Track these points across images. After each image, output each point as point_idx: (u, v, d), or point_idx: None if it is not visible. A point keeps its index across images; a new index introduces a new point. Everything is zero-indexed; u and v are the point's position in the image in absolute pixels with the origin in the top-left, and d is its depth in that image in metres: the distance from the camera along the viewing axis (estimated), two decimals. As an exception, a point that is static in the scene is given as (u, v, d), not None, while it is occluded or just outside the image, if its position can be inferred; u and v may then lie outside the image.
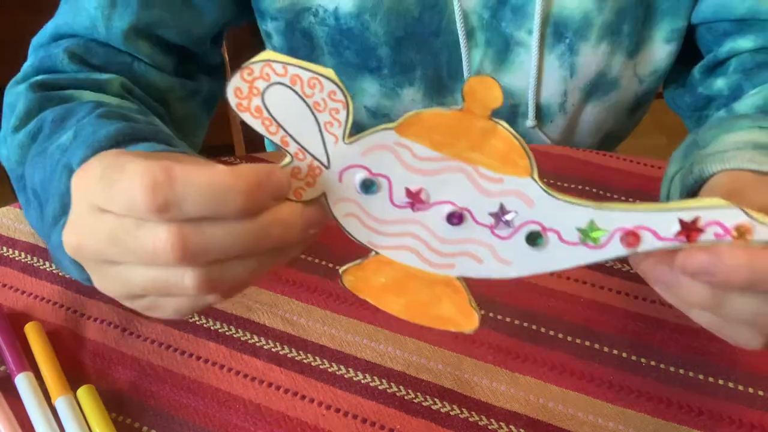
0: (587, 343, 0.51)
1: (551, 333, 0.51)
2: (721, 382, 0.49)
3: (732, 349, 0.51)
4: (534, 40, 0.59)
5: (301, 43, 0.62)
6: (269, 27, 0.63)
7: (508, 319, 0.52)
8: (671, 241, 0.31)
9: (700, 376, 0.49)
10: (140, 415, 0.46)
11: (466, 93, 0.31)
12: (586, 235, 0.32)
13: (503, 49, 0.61)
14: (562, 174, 0.65)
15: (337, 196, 0.33)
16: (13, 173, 0.50)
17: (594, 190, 0.63)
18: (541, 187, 0.32)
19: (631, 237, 0.32)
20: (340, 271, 0.35)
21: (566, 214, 0.32)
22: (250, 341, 0.50)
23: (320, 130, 0.31)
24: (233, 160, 0.65)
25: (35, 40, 0.58)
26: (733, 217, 0.30)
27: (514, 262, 0.34)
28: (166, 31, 0.43)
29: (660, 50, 0.62)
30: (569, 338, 0.51)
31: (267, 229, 0.31)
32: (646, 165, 0.64)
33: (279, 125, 0.31)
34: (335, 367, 0.49)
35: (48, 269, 0.55)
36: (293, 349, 0.50)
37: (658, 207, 0.31)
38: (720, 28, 0.60)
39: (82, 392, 0.45)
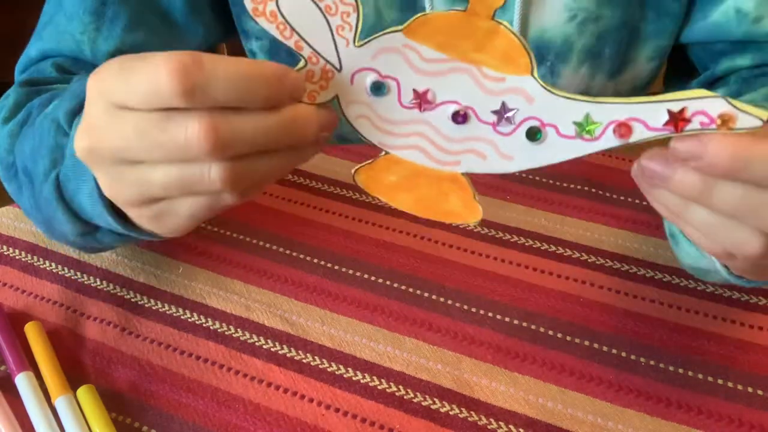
0: (587, 343, 0.51)
1: (551, 333, 0.51)
2: (720, 381, 0.49)
3: (732, 349, 0.51)
4: None
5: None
6: (254, 46, 0.63)
7: (507, 319, 0.52)
8: (660, 131, 0.33)
9: (700, 376, 0.49)
10: (140, 414, 0.46)
11: None
12: (582, 128, 0.34)
13: None
14: (562, 173, 0.65)
15: (348, 99, 0.34)
16: (4, 164, 0.49)
17: (593, 190, 0.63)
18: (540, 84, 0.33)
19: (623, 128, 0.33)
20: (353, 171, 0.36)
21: (564, 109, 0.34)
22: (249, 341, 0.50)
23: (332, 34, 0.33)
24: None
25: (20, 65, 0.58)
26: (718, 106, 0.32)
27: (516, 157, 0.35)
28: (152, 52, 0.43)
29: (642, 68, 0.62)
30: (569, 338, 0.51)
31: (289, 123, 0.31)
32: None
33: (293, 29, 0.32)
34: (334, 367, 0.49)
35: (48, 269, 0.55)
36: (292, 349, 0.50)
37: (648, 99, 0.32)
38: (716, 48, 0.60)
39: (82, 392, 0.45)
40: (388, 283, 0.55)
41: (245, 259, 0.56)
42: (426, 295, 0.54)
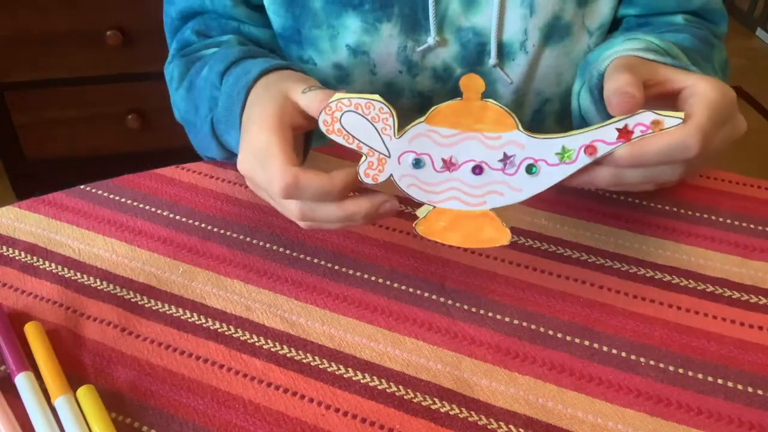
0: (586, 343, 0.51)
1: (550, 333, 0.52)
2: (720, 381, 0.49)
3: (732, 348, 0.51)
4: None
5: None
6: None
7: (507, 319, 0.52)
8: (616, 144, 0.46)
9: (699, 376, 0.49)
10: (140, 414, 0.46)
11: (462, 86, 0.46)
12: (562, 156, 0.47)
13: None
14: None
15: (399, 174, 0.48)
16: (185, 122, 0.68)
17: (593, 190, 0.63)
18: (525, 133, 0.47)
19: (590, 149, 0.46)
20: (414, 224, 0.49)
21: (546, 146, 0.47)
22: (249, 341, 0.50)
23: (379, 134, 0.47)
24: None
25: (167, 25, 0.74)
26: (649, 117, 0.46)
27: (523, 188, 0.48)
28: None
29: (605, 6, 0.69)
30: (568, 338, 0.51)
31: (347, 214, 0.49)
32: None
33: (354, 137, 0.47)
34: (334, 367, 0.49)
35: (48, 269, 0.55)
36: (293, 349, 0.50)
37: (602, 125, 0.46)
38: None
39: (82, 392, 0.45)
40: (388, 283, 0.55)
41: (245, 259, 0.56)
42: (426, 295, 0.54)
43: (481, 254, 0.57)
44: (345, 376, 0.48)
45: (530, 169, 0.47)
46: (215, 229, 0.59)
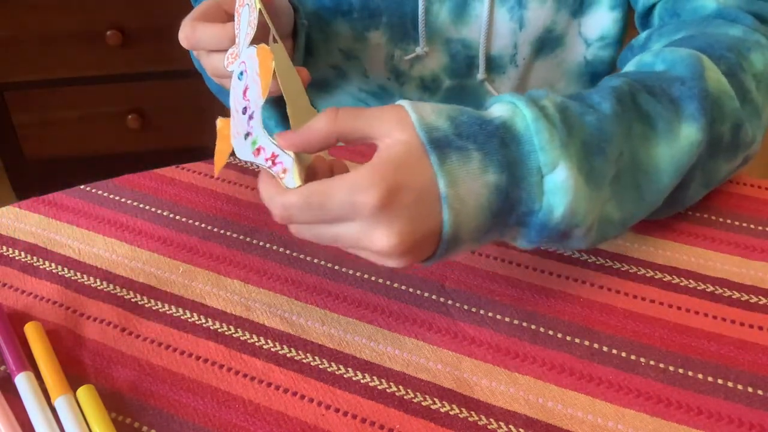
0: (586, 343, 0.51)
1: (550, 333, 0.51)
2: (720, 381, 0.49)
3: (732, 348, 0.51)
4: None
5: None
6: None
7: (507, 319, 0.52)
8: (265, 161, 0.46)
9: (700, 376, 0.49)
10: (140, 414, 0.46)
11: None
12: (252, 144, 0.47)
13: (461, 3, 0.66)
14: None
15: (234, 73, 0.50)
16: (217, 91, 0.69)
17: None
18: (259, 98, 0.47)
19: (257, 152, 0.46)
20: (217, 120, 0.51)
21: (255, 128, 0.47)
22: (249, 341, 0.50)
23: (244, 36, 0.49)
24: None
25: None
26: (286, 161, 0.44)
27: (240, 149, 0.48)
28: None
29: (605, 16, 0.66)
30: (568, 338, 0.51)
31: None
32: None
33: (238, 24, 0.50)
34: (334, 367, 0.49)
35: (48, 269, 0.55)
36: (292, 349, 0.50)
37: (275, 138, 0.45)
38: None
39: (82, 392, 0.45)
40: (388, 283, 0.55)
41: (245, 259, 0.56)
42: (426, 295, 0.54)
43: (481, 254, 0.57)
44: (345, 376, 0.48)
45: (247, 137, 0.47)
46: (215, 229, 0.59)
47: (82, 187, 0.63)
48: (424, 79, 0.70)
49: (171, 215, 0.60)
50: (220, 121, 0.51)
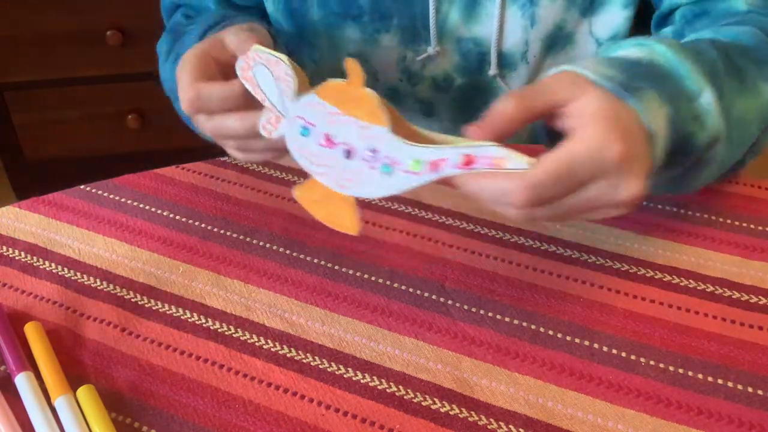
0: (586, 343, 0.51)
1: (550, 333, 0.51)
2: (720, 381, 0.49)
3: (732, 348, 0.51)
4: None
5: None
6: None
7: (507, 319, 0.52)
8: (459, 169, 0.44)
9: (700, 376, 0.49)
10: (140, 415, 0.46)
11: (348, 69, 0.45)
12: (413, 166, 0.45)
13: (471, 2, 0.66)
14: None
15: (290, 136, 0.49)
16: (171, 93, 0.68)
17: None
18: (389, 132, 0.45)
19: (435, 166, 0.44)
20: (293, 189, 0.50)
21: (403, 152, 0.45)
22: (249, 341, 0.50)
23: (280, 93, 0.48)
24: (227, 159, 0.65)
25: (164, 6, 0.77)
26: (495, 152, 0.43)
27: (376, 186, 0.46)
28: None
29: (617, 15, 0.66)
30: (568, 338, 0.51)
31: (253, 122, 0.50)
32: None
33: (260, 89, 0.49)
34: (334, 367, 0.49)
35: (48, 269, 0.55)
36: (292, 349, 0.50)
37: (454, 146, 0.44)
38: None
39: (82, 392, 0.45)
40: (388, 283, 0.55)
41: (245, 259, 0.56)
42: (426, 295, 0.54)
43: (481, 254, 0.57)
44: (345, 376, 0.48)
45: (386, 169, 0.45)
46: (215, 229, 0.59)
47: (82, 187, 0.63)
48: (436, 78, 0.70)
49: (171, 215, 0.60)
50: (298, 190, 0.50)
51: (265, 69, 0.48)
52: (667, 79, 0.48)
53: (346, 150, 0.46)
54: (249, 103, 0.50)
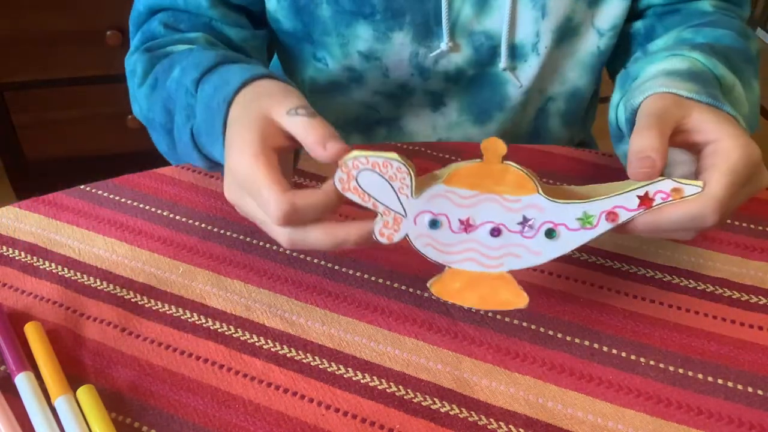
0: (586, 343, 0.51)
1: (550, 333, 0.51)
2: (720, 381, 0.49)
3: (732, 348, 0.51)
4: None
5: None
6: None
7: (507, 319, 0.52)
8: (637, 211, 0.46)
9: (700, 376, 0.49)
10: (140, 414, 0.46)
11: (483, 149, 0.44)
12: (584, 221, 0.46)
13: None
14: (560, 172, 0.65)
15: (415, 234, 0.47)
16: (146, 120, 0.65)
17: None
18: (545, 197, 0.45)
19: (611, 215, 0.46)
20: (429, 284, 0.49)
21: (567, 211, 0.46)
22: (249, 341, 0.50)
23: (396, 194, 0.45)
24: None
25: (133, 18, 0.73)
26: (669, 185, 0.45)
27: (542, 252, 0.47)
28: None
29: (618, 6, 0.68)
30: (568, 338, 0.51)
31: (339, 240, 0.46)
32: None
33: (370, 196, 0.45)
34: (334, 367, 0.49)
35: (48, 269, 0.55)
36: (293, 349, 0.50)
37: (620, 191, 0.46)
38: None
39: (82, 392, 0.45)
40: (388, 283, 0.55)
41: (245, 259, 0.56)
42: (426, 295, 0.54)
43: (481, 254, 0.57)
44: (345, 376, 0.48)
45: (550, 234, 0.46)
46: (215, 229, 0.59)
47: (82, 187, 0.63)
48: (447, 72, 0.70)
49: (171, 215, 0.60)
50: (435, 285, 0.48)
51: (371, 173, 0.45)
52: (717, 83, 0.55)
53: (492, 229, 0.46)
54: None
